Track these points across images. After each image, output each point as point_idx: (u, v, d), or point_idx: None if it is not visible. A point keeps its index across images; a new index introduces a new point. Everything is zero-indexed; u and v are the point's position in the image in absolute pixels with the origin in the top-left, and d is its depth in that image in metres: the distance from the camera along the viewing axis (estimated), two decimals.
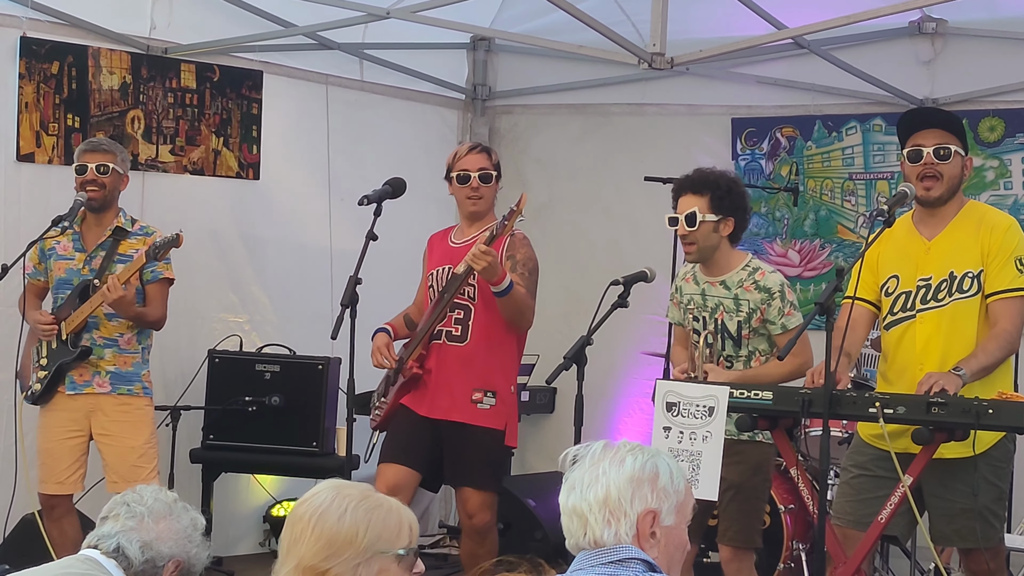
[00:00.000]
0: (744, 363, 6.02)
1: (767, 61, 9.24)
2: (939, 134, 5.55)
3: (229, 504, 8.87)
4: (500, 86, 10.26)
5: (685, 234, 6.03)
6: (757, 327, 6.01)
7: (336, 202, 9.16)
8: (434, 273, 6.69)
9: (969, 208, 5.67)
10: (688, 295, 6.18)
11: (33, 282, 7.19)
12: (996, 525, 5.59)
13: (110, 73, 8.28)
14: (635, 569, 3.13)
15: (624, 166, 9.59)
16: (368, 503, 3.29)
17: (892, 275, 5.68)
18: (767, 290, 6.01)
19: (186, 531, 3.75)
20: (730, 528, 6.03)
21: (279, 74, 9.10)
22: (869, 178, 9.08)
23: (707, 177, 6.10)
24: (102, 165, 7.01)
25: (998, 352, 5.45)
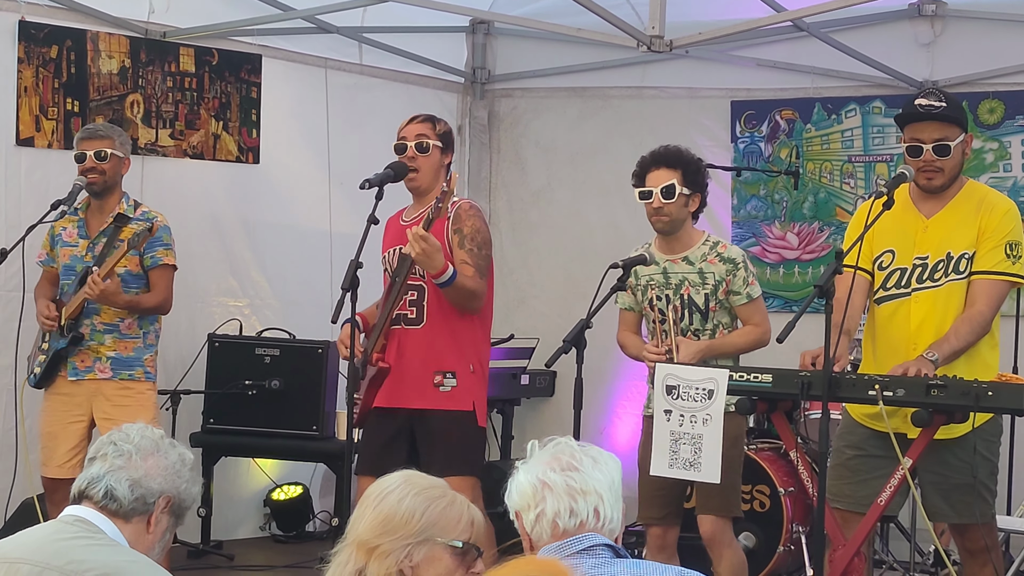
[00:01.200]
0: (710, 336, 6.14)
1: (766, 44, 9.23)
2: (937, 127, 5.50)
3: (229, 488, 8.88)
4: (499, 69, 10.25)
5: (660, 206, 6.12)
6: (722, 299, 6.13)
7: (336, 186, 9.16)
8: (387, 255, 6.46)
9: (969, 188, 5.66)
10: (646, 276, 6.23)
11: (47, 269, 7.24)
12: (989, 500, 5.61)
13: (109, 57, 8.28)
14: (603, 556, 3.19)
15: (623, 149, 9.57)
16: (432, 492, 3.34)
17: (887, 249, 5.67)
18: (731, 261, 6.15)
19: (174, 466, 3.73)
20: (711, 499, 6.05)
21: (278, 58, 9.09)
22: (868, 160, 9.08)
23: (680, 153, 6.25)
24: (100, 151, 7.01)
25: (970, 336, 5.45)
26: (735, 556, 6.13)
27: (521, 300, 9.89)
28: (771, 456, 7.75)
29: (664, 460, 5.49)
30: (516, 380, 9.46)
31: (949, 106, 5.54)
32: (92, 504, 3.63)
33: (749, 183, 9.37)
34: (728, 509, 6.11)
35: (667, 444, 5.47)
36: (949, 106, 5.54)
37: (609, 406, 9.48)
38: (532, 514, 3.30)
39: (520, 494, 3.35)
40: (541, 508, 3.30)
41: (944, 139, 5.48)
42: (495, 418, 9.62)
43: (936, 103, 5.50)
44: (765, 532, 7.62)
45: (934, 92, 5.64)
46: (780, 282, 9.30)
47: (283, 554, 8.70)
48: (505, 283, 9.87)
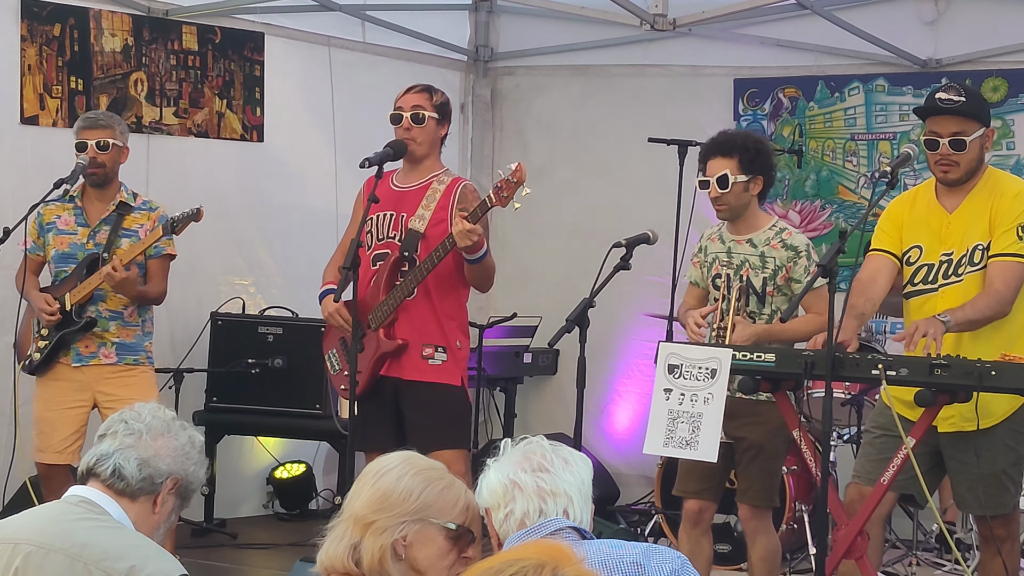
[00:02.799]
0: (767, 321, 6.06)
1: (769, 22, 9.22)
2: (955, 121, 5.49)
3: (232, 466, 8.90)
4: (502, 47, 10.24)
5: (717, 196, 6.07)
6: (781, 285, 6.06)
7: (341, 164, 9.16)
8: (375, 218, 6.40)
9: (986, 176, 5.64)
10: (713, 254, 6.21)
11: (32, 256, 7.16)
12: (1012, 490, 5.60)
13: (112, 35, 8.27)
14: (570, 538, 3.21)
15: (626, 127, 9.59)
16: (431, 473, 3.34)
17: (915, 245, 5.68)
18: (794, 248, 6.07)
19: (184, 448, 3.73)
20: (751, 488, 6.08)
21: (281, 36, 9.10)
22: (871, 138, 9.07)
23: (735, 139, 6.18)
24: (102, 141, 6.98)
25: (986, 309, 5.44)
26: (769, 543, 6.13)
27: (524, 278, 9.89)
28: None
29: (659, 438, 5.48)
30: (519, 358, 9.47)
31: (968, 100, 5.53)
32: (99, 482, 3.63)
33: None
34: (769, 499, 6.13)
35: (663, 423, 5.47)
36: (968, 100, 5.53)
37: (612, 385, 9.50)
38: (501, 513, 3.32)
39: (490, 492, 3.36)
40: (510, 508, 3.31)
41: (961, 133, 5.47)
42: (497, 396, 9.64)
43: (955, 97, 5.49)
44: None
45: (954, 86, 5.62)
46: None
47: (286, 532, 8.71)
48: (508, 261, 9.86)
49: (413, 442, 6.15)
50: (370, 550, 3.29)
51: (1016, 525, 5.75)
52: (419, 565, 3.33)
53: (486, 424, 9.68)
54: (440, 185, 6.39)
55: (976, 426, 5.27)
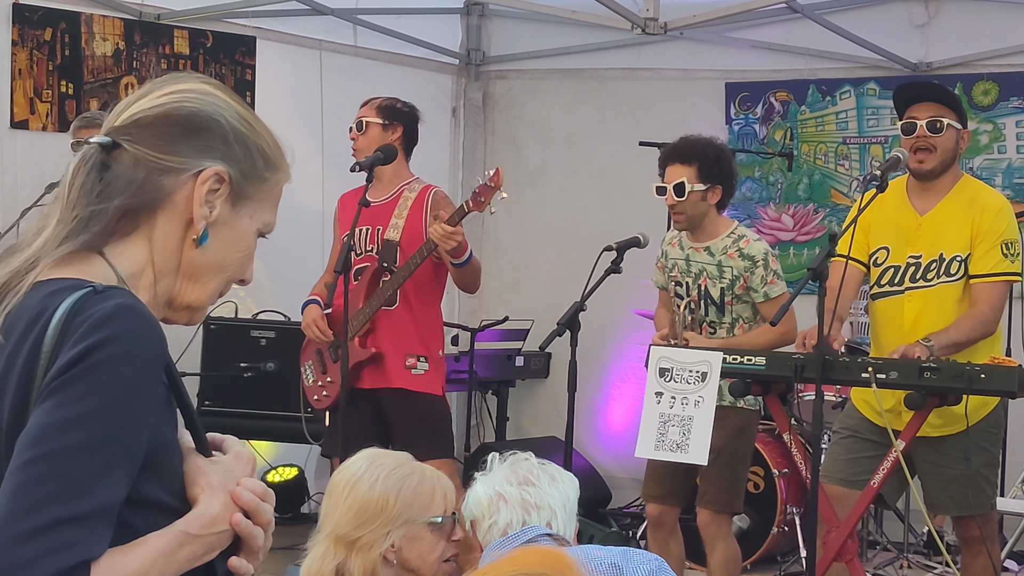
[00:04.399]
0: (728, 330, 6.04)
1: (761, 25, 9.23)
2: (933, 107, 5.54)
3: None
4: (494, 51, 10.25)
5: (673, 204, 6.03)
6: (740, 294, 6.03)
7: (330, 168, 9.13)
8: (355, 232, 6.44)
9: (963, 184, 5.66)
10: (673, 260, 6.20)
11: None
12: (988, 491, 5.62)
13: (103, 39, 8.27)
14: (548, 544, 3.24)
15: (618, 131, 9.59)
16: (401, 471, 3.34)
17: (882, 246, 5.69)
18: (751, 258, 6.02)
19: None
20: (709, 491, 6.05)
21: (273, 40, 9.09)
22: (863, 142, 9.08)
23: (695, 146, 6.09)
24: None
25: (971, 332, 5.46)
26: (728, 549, 6.10)
27: (516, 282, 9.90)
28: (765, 438, 7.77)
29: (650, 442, 5.50)
30: (511, 362, 9.47)
31: (947, 92, 5.60)
32: None
33: (744, 165, 9.37)
34: (727, 504, 6.09)
35: (655, 426, 5.48)
36: (947, 92, 5.60)
37: (604, 388, 9.50)
38: (486, 523, 3.34)
39: (476, 504, 3.38)
40: (495, 519, 3.33)
41: (938, 117, 5.51)
42: (489, 399, 9.65)
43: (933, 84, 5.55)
44: (759, 513, 7.64)
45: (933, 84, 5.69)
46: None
47: (278, 536, 8.49)
48: (500, 265, 9.88)
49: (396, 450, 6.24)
50: (360, 567, 3.29)
51: (994, 524, 5.77)
52: (411, 564, 3.34)
53: (478, 427, 9.68)
54: (411, 193, 6.46)
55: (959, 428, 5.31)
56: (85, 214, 2.00)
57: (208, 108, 2.11)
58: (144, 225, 2.06)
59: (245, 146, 2.15)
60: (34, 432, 1.85)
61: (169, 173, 2.06)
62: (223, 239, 2.14)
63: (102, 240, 2.03)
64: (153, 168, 2.05)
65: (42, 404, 1.86)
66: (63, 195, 2.02)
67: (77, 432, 1.84)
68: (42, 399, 1.86)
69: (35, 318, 1.93)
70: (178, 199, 2.07)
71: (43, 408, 1.85)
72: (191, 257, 2.10)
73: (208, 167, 2.08)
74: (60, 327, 1.89)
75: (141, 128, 2.06)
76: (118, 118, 2.09)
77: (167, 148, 2.06)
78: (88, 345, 1.86)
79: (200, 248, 2.10)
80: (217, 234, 2.12)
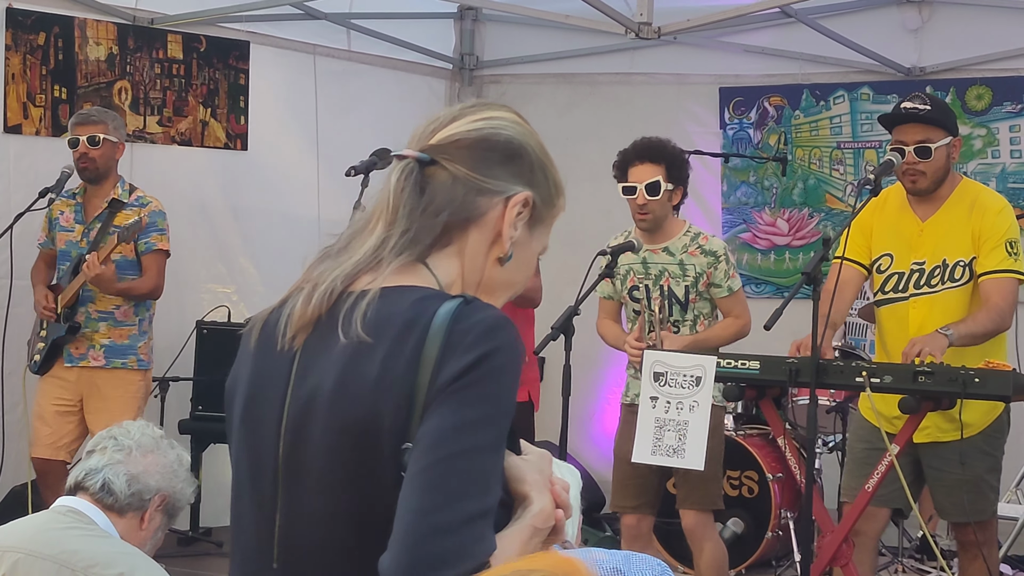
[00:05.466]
0: (690, 328, 6.08)
1: (754, 30, 9.23)
2: (920, 129, 5.49)
3: (218, 475, 8.85)
4: (487, 56, 10.25)
5: (644, 203, 6.02)
6: (703, 291, 6.07)
7: (324, 172, 9.15)
8: None
9: (963, 188, 5.65)
10: (626, 266, 6.18)
11: (44, 251, 7.28)
12: (991, 496, 5.61)
13: (96, 44, 8.26)
14: None
15: (613, 135, 9.51)
16: None
17: (885, 253, 5.68)
18: (713, 253, 6.07)
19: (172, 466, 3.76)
20: (691, 492, 6.04)
21: (266, 44, 9.08)
22: (857, 147, 9.09)
23: (663, 146, 6.13)
24: (93, 136, 7.02)
25: (988, 323, 5.46)
26: (716, 549, 6.10)
27: None
28: (759, 442, 7.76)
29: (647, 447, 5.49)
30: None
31: (933, 109, 5.53)
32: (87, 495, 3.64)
33: (738, 169, 9.38)
34: (709, 502, 6.08)
35: (651, 431, 5.47)
36: (933, 109, 5.53)
37: (598, 393, 9.48)
38: None
39: None
40: None
41: (926, 141, 5.47)
42: None
43: (920, 106, 5.50)
44: (753, 518, 7.63)
45: (920, 95, 5.64)
46: (771, 268, 9.31)
47: None
48: None
49: None
50: None
51: (993, 531, 5.76)
52: None
53: None
54: None
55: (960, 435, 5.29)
56: (416, 227, 2.19)
57: (520, 136, 2.30)
58: (457, 240, 2.23)
59: (544, 174, 2.32)
60: (438, 433, 2.03)
61: (485, 194, 2.23)
62: (518, 259, 2.30)
63: (428, 252, 2.21)
64: (471, 187, 2.22)
65: (440, 407, 2.04)
66: (386, 206, 2.20)
67: (478, 434, 2.03)
68: (439, 402, 2.04)
69: (410, 323, 2.10)
70: (489, 218, 2.24)
71: (442, 411, 2.04)
72: (492, 273, 2.27)
73: (519, 191, 2.26)
74: (444, 335, 2.07)
75: (460, 149, 2.23)
76: (431, 137, 2.25)
77: (485, 170, 2.23)
78: (481, 354, 2.05)
79: (502, 266, 2.27)
80: (515, 254, 2.29)
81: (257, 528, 2.20)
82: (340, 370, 2.12)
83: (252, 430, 2.23)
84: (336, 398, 2.11)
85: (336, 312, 2.15)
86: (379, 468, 2.06)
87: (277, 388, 2.19)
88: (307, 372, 2.16)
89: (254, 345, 2.27)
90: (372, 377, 2.09)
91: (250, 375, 2.25)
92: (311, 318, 2.18)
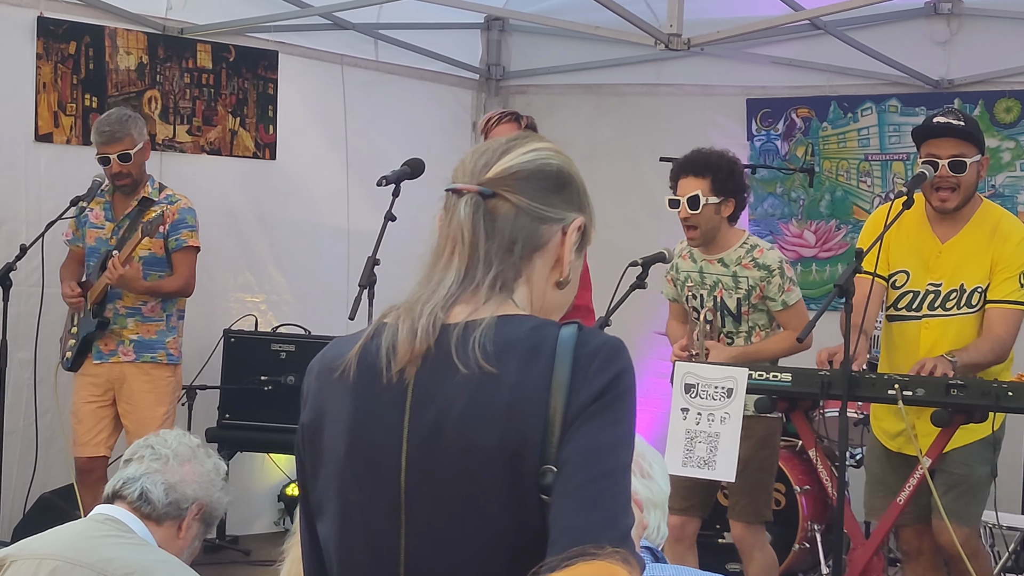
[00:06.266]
0: (745, 339, 6.07)
1: (782, 42, 9.23)
2: (954, 144, 5.50)
3: (245, 483, 8.90)
4: (514, 66, 10.26)
5: (687, 216, 6.04)
6: (756, 303, 6.05)
7: (353, 182, 9.17)
8: None
9: (984, 211, 5.65)
10: (685, 272, 6.21)
11: (73, 248, 7.35)
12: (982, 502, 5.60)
13: (127, 53, 8.29)
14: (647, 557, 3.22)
15: (639, 146, 9.58)
16: None
17: (902, 269, 5.69)
18: (766, 267, 6.05)
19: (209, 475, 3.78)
20: (739, 503, 6.06)
21: (295, 54, 9.11)
22: (885, 159, 9.08)
23: (708, 159, 6.10)
24: (123, 153, 7.08)
25: (989, 353, 5.47)
26: (765, 559, 6.12)
27: None
28: (787, 454, 7.75)
29: (678, 458, 5.49)
30: None
31: (967, 124, 5.54)
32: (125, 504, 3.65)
33: (766, 181, 9.37)
34: (759, 514, 6.10)
35: (682, 442, 5.47)
36: (967, 124, 5.54)
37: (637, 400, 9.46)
38: None
39: None
40: None
41: (961, 155, 5.47)
42: None
43: (955, 121, 5.50)
44: (781, 530, 7.61)
45: (953, 111, 5.64)
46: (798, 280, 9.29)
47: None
48: None
49: None
50: None
51: (978, 538, 5.77)
52: None
53: None
54: None
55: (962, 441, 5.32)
56: (499, 260, 2.30)
57: (566, 165, 2.39)
58: (526, 268, 2.34)
59: (587, 199, 2.42)
60: (586, 453, 2.15)
61: (546, 222, 2.34)
62: (572, 281, 2.41)
63: (511, 282, 2.32)
64: (535, 217, 2.33)
65: (581, 428, 2.16)
66: (460, 239, 2.29)
67: (619, 453, 2.17)
68: (579, 423, 2.16)
69: (533, 350, 2.21)
70: (551, 245, 2.35)
71: (585, 432, 2.16)
72: (552, 297, 2.38)
73: (575, 218, 2.37)
74: (571, 360, 2.19)
75: (519, 181, 2.33)
76: (486, 171, 2.33)
77: (545, 200, 2.34)
78: (612, 376, 2.19)
79: (561, 290, 2.39)
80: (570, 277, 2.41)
81: (376, 555, 2.28)
82: (468, 398, 2.20)
83: (364, 462, 2.29)
84: (467, 426, 2.19)
85: (445, 343, 2.23)
86: (516, 490, 2.16)
87: (391, 420, 2.25)
88: (425, 402, 2.23)
89: (354, 380, 2.31)
90: (503, 404, 2.18)
91: (353, 409, 2.31)
92: (420, 352, 2.24)
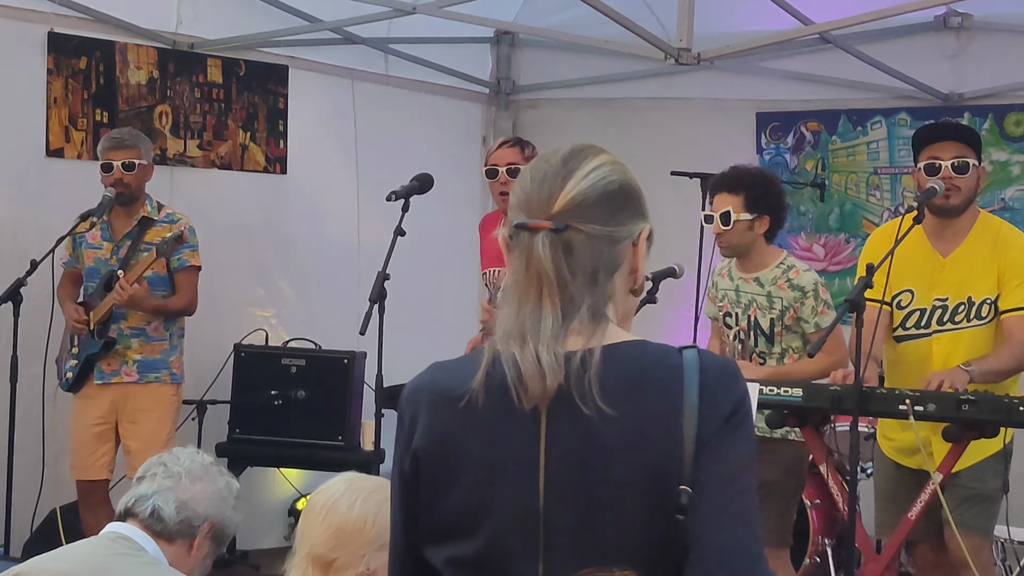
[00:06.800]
0: (777, 360, 6.01)
1: (792, 55, 9.22)
2: (956, 147, 5.53)
3: (255, 498, 8.89)
4: (524, 80, 10.27)
5: (719, 232, 6.02)
6: (790, 324, 6.00)
7: (364, 196, 9.17)
8: (487, 273, 6.70)
9: (983, 222, 5.66)
10: (723, 290, 6.19)
11: (68, 270, 7.31)
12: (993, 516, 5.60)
13: (137, 68, 8.31)
14: None
15: (649, 160, 9.49)
16: (379, 495, 3.32)
17: (906, 289, 5.68)
18: (800, 288, 5.99)
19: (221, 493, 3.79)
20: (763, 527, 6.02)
21: (305, 69, 9.12)
22: (894, 172, 9.07)
23: (742, 175, 6.06)
24: (128, 162, 7.07)
25: (1011, 360, 5.47)
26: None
27: None
28: None
29: None
30: None
31: (967, 129, 5.58)
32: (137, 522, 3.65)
33: None
34: (781, 539, 6.07)
35: None
36: (967, 129, 5.58)
37: None
38: None
39: None
40: None
41: (964, 156, 5.49)
42: None
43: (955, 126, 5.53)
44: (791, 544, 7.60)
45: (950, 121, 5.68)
46: None
47: None
48: None
49: None
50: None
51: (990, 551, 5.76)
52: None
53: None
54: None
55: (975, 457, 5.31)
56: (588, 292, 2.33)
57: (625, 177, 2.42)
58: (610, 288, 2.38)
59: (644, 201, 2.45)
60: (725, 472, 2.26)
61: (620, 242, 2.38)
62: (642, 285, 2.47)
63: (602, 307, 2.35)
64: (609, 240, 2.36)
65: (717, 449, 2.25)
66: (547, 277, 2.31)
67: (750, 472, 2.30)
68: (714, 444, 2.25)
69: (660, 377, 2.28)
70: (626, 261, 2.40)
71: (721, 452, 2.25)
72: (628, 305, 2.44)
73: (642, 227, 2.41)
74: (698, 383, 2.27)
75: (585, 209, 2.35)
76: (551, 203, 2.35)
77: (615, 220, 2.37)
78: (739, 398, 2.29)
79: (636, 296, 2.45)
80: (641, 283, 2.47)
81: None
82: (601, 427, 2.26)
83: (497, 490, 2.32)
84: (606, 454, 2.26)
85: (570, 376, 2.28)
86: (655, 514, 2.23)
87: (527, 449, 2.30)
88: (559, 432, 2.29)
89: (483, 409, 2.33)
90: (639, 429, 2.25)
91: (484, 438, 2.33)
92: (552, 387, 2.27)
